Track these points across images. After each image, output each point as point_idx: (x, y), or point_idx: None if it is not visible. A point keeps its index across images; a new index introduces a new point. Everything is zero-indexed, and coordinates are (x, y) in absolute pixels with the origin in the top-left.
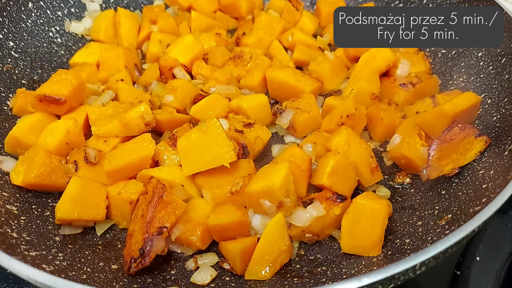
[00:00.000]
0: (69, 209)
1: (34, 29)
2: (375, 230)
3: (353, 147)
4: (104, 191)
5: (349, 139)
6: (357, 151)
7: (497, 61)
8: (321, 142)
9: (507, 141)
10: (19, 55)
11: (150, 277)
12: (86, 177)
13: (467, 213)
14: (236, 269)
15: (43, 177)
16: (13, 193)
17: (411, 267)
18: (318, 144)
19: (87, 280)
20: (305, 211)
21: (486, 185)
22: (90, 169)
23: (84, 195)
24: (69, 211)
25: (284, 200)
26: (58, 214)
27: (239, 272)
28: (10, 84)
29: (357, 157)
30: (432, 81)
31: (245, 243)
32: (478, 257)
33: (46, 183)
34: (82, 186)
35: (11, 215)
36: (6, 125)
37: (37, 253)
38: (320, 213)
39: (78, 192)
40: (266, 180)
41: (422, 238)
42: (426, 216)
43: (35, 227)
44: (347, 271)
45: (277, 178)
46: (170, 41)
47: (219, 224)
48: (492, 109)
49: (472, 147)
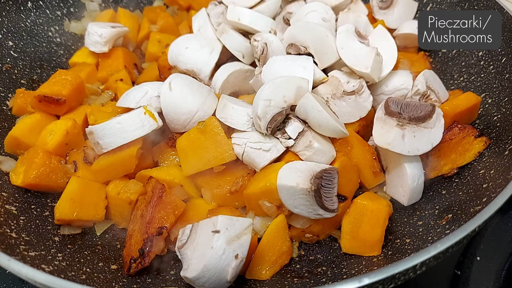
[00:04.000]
0: (68, 209)
1: (33, 28)
2: (376, 230)
3: (356, 149)
4: (104, 191)
5: (352, 141)
6: (360, 153)
7: (497, 61)
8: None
9: (508, 141)
10: (18, 54)
11: (149, 277)
12: (85, 177)
13: (467, 213)
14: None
15: (42, 178)
16: (12, 193)
17: (412, 267)
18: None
19: (86, 281)
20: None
21: (487, 184)
22: (89, 169)
23: (83, 195)
24: (68, 211)
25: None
26: (57, 214)
27: (240, 272)
28: (9, 84)
29: (360, 158)
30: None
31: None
32: (479, 257)
33: (45, 183)
34: (81, 187)
35: (10, 215)
36: (6, 125)
37: (36, 253)
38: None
39: (77, 192)
40: (264, 181)
41: (423, 238)
42: (426, 216)
43: (34, 227)
44: (347, 271)
45: (275, 177)
46: (169, 41)
47: None
48: (493, 108)
49: (471, 147)
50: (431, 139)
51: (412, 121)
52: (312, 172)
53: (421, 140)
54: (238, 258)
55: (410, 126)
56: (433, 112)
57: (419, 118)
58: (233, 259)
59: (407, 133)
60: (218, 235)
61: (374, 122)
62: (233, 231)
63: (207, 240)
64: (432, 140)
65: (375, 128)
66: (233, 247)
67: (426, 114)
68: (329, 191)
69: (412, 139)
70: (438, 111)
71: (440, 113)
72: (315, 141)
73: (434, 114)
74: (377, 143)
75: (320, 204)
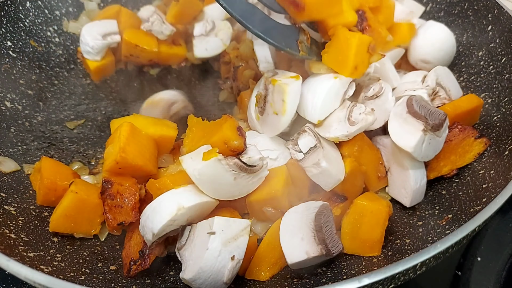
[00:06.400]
0: (62, 224)
1: (32, 28)
2: (376, 230)
3: (365, 153)
4: (101, 207)
5: (362, 145)
6: (368, 157)
7: (497, 61)
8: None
9: (508, 141)
10: (17, 54)
11: (149, 278)
12: (82, 193)
13: (467, 213)
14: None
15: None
16: (10, 193)
17: (412, 267)
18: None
19: (85, 281)
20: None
21: (487, 185)
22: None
23: (78, 212)
24: (62, 226)
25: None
26: (51, 226)
27: (240, 273)
28: (8, 84)
29: (368, 163)
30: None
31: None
32: (479, 257)
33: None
34: (77, 204)
35: (9, 215)
36: (4, 125)
37: (35, 253)
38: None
39: (71, 209)
40: (267, 188)
41: (423, 239)
42: (426, 216)
43: (33, 227)
44: (347, 272)
45: (278, 183)
46: None
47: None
48: (493, 109)
49: (471, 149)
50: (436, 148)
51: (433, 129)
52: (310, 224)
53: (432, 148)
54: (235, 259)
55: (430, 133)
56: (445, 121)
57: (437, 126)
58: (229, 261)
59: (426, 140)
60: (213, 237)
61: (391, 117)
62: (230, 233)
63: (203, 241)
64: (436, 149)
65: (393, 125)
66: (230, 248)
67: (440, 123)
68: (329, 230)
69: (427, 146)
70: (447, 121)
71: (447, 123)
72: (324, 160)
73: (445, 123)
74: (398, 144)
75: (327, 253)
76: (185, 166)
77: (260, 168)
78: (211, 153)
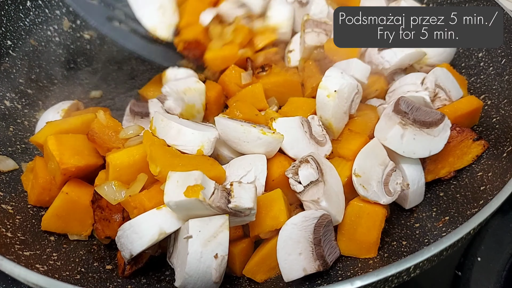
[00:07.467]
0: (53, 224)
1: (32, 28)
2: (372, 232)
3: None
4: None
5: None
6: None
7: (497, 62)
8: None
9: (506, 143)
10: (17, 54)
11: (144, 277)
12: (73, 194)
13: (464, 215)
14: (235, 270)
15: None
16: (8, 192)
17: (405, 269)
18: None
19: (80, 280)
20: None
21: (484, 187)
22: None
23: (69, 213)
24: (54, 225)
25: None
26: (42, 225)
27: (238, 273)
28: (7, 83)
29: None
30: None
31: (243, 243)
32: (479, 257)
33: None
34: (68, 205)
35: (6, 214)
36: (3, 124)
37: (31, 252)
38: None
39: (62, 209)
40: (270, 220)
41: (419, 241)
42: (423, 218)
43: (30, 226)
44: (342, 273)
45: (281, 214)
46: None
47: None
48: (492, 110)
49: (469, 151)
50: (430, 146)
51: (415, 124)
52: (309, 237)
53: (419, 144)
54: (218, 257)
55: (412, 128)
56: (441, 121)
57: (424, 122)
58: (213, 260)
59: (407, 134)
60: (191, 240)
61: (381, 117)
62: (207, 232)
63: (184, 247)
64: (431, 148)
65: (379, 123)
66: (211, 248)
67: (432, 121)
68: (328, 240)
69: (411, 140)
70: (447, 122)
71: (448, 125)
72: (324, 199)
73: (442, 123)
74: (375, 136)
75: (324, 268)
76: (165, 195)
77: (247, 216)
78: (195, 191)
